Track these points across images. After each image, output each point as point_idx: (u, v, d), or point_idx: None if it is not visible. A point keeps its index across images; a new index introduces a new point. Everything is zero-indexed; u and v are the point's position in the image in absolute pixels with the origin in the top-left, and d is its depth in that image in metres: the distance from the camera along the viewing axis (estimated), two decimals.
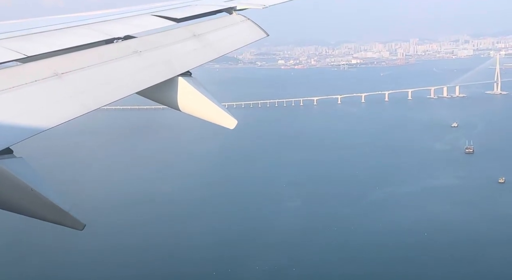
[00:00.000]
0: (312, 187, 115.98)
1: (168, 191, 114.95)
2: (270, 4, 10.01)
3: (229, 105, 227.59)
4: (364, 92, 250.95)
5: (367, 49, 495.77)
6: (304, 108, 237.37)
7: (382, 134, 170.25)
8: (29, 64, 5.45)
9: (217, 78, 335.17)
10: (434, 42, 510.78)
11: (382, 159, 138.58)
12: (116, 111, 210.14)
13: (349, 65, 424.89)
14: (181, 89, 6.79)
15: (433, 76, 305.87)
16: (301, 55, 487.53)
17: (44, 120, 4.80)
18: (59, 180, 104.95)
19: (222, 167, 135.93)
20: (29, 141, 4.64)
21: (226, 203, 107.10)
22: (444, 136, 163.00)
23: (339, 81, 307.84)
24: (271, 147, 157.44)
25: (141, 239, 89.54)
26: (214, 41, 8.19)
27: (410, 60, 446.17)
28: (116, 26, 7.54)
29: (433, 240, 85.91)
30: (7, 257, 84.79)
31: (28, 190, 4.43)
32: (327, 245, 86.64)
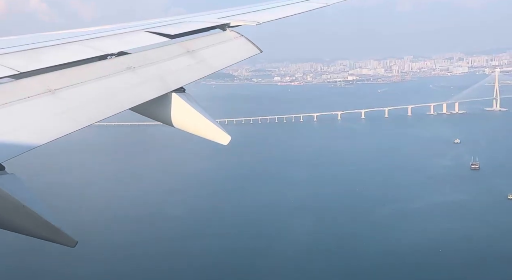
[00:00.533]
0: (319, 204, 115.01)
1: (175, 213, 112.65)
2: (264, 21, 10.07)
3: (229, 121, 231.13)
4: (362, 108, 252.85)
5: (362, 66, 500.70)
6: (304, 124, 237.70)
7: (385, 150, 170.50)
8: (22, 81, 5.44)
9: (214, 95, 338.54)
10: (428, 59, 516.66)
11: (388, 175, 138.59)
12: (114, 127, 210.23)
13: (346, 82, 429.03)
14: (174, 105, 6.79)
15: (430, 93, 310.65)
16: (297, 72, 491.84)
17: (37, 136, 4.78)
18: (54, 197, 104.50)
19: (222, 186, 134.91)
20: (23, 158, 4.62)
21: (232, 220, 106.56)
22: (448, 153, 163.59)
23: (337, 98, 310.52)
24: (273, 164, 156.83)
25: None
26: (208, 57, 8.21)
27: (406, 77, 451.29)
28: (110, 42, 7.56)
29: (448, 257, 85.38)
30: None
31: (20, 206, 4.39)
32: (340, 262, 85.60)
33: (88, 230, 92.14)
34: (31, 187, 4.72)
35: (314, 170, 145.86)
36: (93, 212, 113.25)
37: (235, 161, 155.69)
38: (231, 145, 10.75)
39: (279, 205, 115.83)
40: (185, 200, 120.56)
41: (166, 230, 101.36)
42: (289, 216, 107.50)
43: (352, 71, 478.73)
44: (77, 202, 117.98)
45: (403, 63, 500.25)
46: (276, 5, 12.19)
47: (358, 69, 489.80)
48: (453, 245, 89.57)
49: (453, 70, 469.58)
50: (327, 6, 12.76)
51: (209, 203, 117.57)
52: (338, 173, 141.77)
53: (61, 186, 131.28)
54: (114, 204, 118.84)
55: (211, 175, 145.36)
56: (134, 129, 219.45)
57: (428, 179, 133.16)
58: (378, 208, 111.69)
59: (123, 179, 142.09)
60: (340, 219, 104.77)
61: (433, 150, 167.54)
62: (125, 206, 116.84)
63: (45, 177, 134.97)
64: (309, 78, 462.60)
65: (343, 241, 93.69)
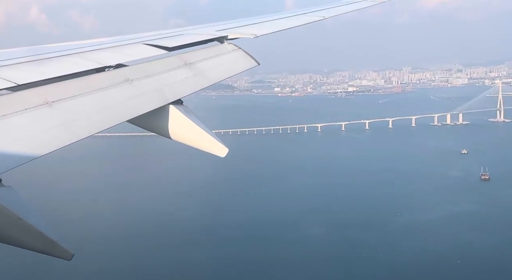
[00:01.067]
0: (332, 214, 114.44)
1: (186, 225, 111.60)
2: (261, 34, 10.12)
3: (232, 132, 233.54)
4: (365, 119, 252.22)
5: (361, 77, 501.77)
6: (309, 135, 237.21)
7: (393, 161, 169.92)
8: (20, 93, 5.44)
9: (216, 105, 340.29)
10: (426, 71, 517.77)
11: (397, 186, 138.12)
12: (112, 138, 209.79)
13: (346, 93, 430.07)
14: (172, 117, 6.79)
15: (432, 104, 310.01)
16: (296, 83, 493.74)
17: (34, 149, 4.77)
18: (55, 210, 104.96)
19: (231, 197, 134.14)
20: (23, 170, 4.60)
21: (245, 231, 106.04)
22: (456, 163, 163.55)
23: (339, 108, 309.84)
24: (282, 174, 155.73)
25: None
26: (206, 69, 8.24)
27: (406, 88, 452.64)
28: (108, 54, 7.58)
29: (468, 268, 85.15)
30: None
31: (16, 219, 4.37)
32: (361, 272, 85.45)
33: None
34: (31, 200, 4.71)
35: (324, 180, 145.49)
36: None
37: (242, 171, 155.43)
38: (238, 155, 10.26)
39: (292, 212, 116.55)
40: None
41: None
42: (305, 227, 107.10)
43: (351, 82, 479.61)
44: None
45: (402, 74, 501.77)
46: (274, 18, 12.27)
47: (357, 80, 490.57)
48: (471, 256, 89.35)
49: (453, 81, 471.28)
50: (324, 19, 12.85)
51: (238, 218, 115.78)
52: (347, 184, 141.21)
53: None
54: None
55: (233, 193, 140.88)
56: (133, 140, 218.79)
57: (439, 190, 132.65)
58: (393, 218, 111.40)
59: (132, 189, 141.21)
60: (356, 229, 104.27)
61: (441, 160, 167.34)
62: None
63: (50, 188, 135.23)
64: (309, 89, 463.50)
65: (362, 250, 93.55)
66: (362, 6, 15.23)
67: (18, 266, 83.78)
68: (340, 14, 14.26)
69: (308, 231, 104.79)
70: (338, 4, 14.98)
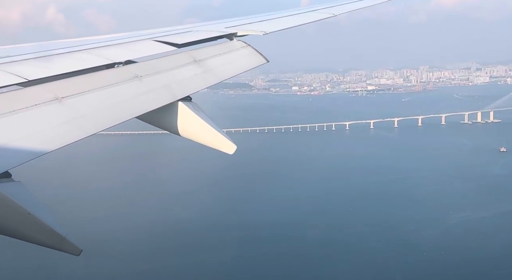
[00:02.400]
0: (385, 210, 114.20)
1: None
2: (271, 31, 10.10)
3: (260, 130, 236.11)
4: (393, 117, 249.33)
5: (378, 76, 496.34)
6: (337, 133, 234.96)
7: (432, 159, 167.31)
8: (30, 88, 5.47)
9: (237, 104, 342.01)
10: (444, 70, 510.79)
11: (442, 184, 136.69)
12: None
13: (367, 91, 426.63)
14: (181, 114, 6.81)
15: (456, 102, 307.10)
16: (313, 82, 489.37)
17: (43, 144, 4.80)
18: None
19: (284, 190, 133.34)
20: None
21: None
22: (498, 161, 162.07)
23: (362, 107, 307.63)
24: (326, 172, 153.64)
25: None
26: (215, 66, 8.25)
27: (427, 86, 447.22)
28: (117, 51, 7.60)
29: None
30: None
31: (26, 214, 4.40)
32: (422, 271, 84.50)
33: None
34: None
35: (370, 179, 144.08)
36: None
37: (290, 170, 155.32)
38: (279, 153, 9.49)
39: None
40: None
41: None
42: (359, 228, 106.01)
43: (369, 81, 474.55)
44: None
45: (420, 73, 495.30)
46: (283, 15, 12.24)
47: (375, 79, 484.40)
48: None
49: (474, 80, 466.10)
50: (334, 17, 12.78)
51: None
52: (393, 182, 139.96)
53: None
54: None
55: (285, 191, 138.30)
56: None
57: (485, 188, 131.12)
58: (446, 216, 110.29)
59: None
60: (412, 227, 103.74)
61: (481, 158, 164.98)
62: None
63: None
64: (328, 87, 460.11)
65: (419, 250, 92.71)
66: (372, 3, 15.16)
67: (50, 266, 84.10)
68: (350, 11, 14.20)
69: (364, 229, 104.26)
70: (348, 1, 14.89)
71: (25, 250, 63.14)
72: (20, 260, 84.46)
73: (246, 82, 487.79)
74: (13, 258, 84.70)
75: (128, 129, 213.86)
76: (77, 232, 52.63)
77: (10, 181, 4.52)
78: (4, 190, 4.33)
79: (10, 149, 4.52)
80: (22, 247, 28.34)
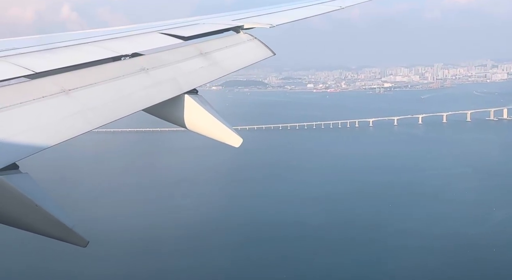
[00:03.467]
0: (427, 207, 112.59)
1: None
2: (277, 23, 10.07)
3: (283, 127, 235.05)
4: (413, 114, 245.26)
5: (393, 73, 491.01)
6: (362, 130, 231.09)
7: (463, 156, 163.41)
8: (37, 81, 5.49)
9: (255, 101, 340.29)
10: (458, 67, 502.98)
11: (479, 180, 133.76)
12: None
13: (384, 89, 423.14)
14: (187, 107, 6.81)
15: (477, 99, 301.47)
16: (328, 79, 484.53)
17: (50, 136, 4.82)
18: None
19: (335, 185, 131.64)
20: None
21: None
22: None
23: (381, 104, 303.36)
24: (359, 171, 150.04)
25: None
26: (221, 59, 8.23)
27: (444, 83, 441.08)
28: (124, 43, 7.61)
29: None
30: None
31: (33, 206, 4.43)
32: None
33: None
34: None
35: (404, 175, 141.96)
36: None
37: (331, 167, 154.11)
38: (312, 149, 9.14)
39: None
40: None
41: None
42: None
43: (385, 79, 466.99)
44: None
45: (435, 70, 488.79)
46: (290, 8, 12.19)
47: (391, 76, 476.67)
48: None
49: (491, 77, 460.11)
50: (341, 9, 12.73)
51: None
52: (426, 178, 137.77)
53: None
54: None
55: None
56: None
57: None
58: (490, 213, 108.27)
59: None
60: (457, 225, 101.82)
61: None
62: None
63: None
64: (343, 85, 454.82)
65: (472, 248, 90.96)
66: None
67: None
68: (357, 3, 14.14)
69: (409, 226, 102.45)
70: None
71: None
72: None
73: (259, 79, 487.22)
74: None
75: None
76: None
77: (17, 173, 4.55)
78: (11, 181, 4.35)
79: (18, 141, 4.54)
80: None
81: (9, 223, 4.57)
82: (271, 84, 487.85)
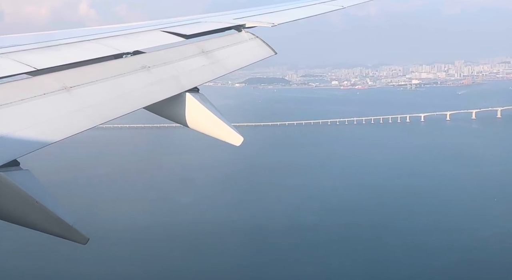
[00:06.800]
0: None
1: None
2: (279, 22, 10.07)
3: (331, 122, 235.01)
4: (459, 109, 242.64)
5: (414, 70, 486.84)
6: (415, 125, 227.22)
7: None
8: (39, 77, 5.50)
9: (287, 98, 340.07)
10: (481, 64, 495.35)
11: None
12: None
13: (416, 85, 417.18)
14: (188, 105, 6.82)
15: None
16: (349, 77, 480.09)
17: (52, 133, 4.83)
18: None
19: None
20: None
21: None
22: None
23: (420, 99, 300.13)
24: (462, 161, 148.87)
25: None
26: (223, 58, 8.23)
27: (476, 79, 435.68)
28: (126, 41, 7.62)
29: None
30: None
31: (33, 202, 4.43)
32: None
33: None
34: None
35: (479, 169, 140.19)
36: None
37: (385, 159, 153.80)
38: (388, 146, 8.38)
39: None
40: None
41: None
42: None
43: (409, 75, 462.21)
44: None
45: (459, 67, 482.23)
46: (293, 7, 12.20)
47: (416, 73, 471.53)
48: None
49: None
50: (343, 9, 12.73)
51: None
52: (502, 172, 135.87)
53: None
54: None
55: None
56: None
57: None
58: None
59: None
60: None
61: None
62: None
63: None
64: (370, 82, 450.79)
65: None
66: None
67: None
68: (359, 3, 14.14)
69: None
70: None
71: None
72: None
73: (280, 77, 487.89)
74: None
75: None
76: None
77: (18, 170, 4.55)
78: (12, 178, 4.36)
79: (19, 137, 4.55)
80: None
81: (10, 219, 4.58)
82: (293, 81, 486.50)
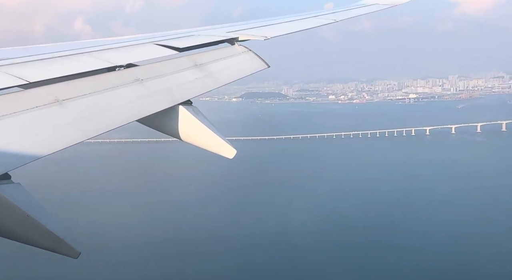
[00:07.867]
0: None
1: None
2: (272, 36, 10.12)
3: (336, 135, 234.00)
4: (462, 123, 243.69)
5: (409, 85, 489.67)
6: (421, 138, 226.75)
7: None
8: (31, 90, 5.47)
9: (286, 112, 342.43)
10: (471, 79, 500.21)
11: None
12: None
13: (414, 99, 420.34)
14: (181, 118, 6.81)
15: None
16: (345, 91, 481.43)
17: (43, 146, 4.80)
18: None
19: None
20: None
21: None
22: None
23: (420, 113, 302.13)
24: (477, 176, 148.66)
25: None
26: (216, 71, 8.25)
27: (473, 94, 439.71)
28: (119, 54, 7.62)
29: None
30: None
31: (24, 216, 4.40)
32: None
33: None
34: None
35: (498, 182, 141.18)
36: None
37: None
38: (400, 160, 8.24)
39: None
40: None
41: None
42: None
43: (405, 90, 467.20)
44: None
45: (453, 81, 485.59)
46: (285, 21, 12.27)
47: (411, 87, 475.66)
48: None
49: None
50: (335, 23, 12.82)
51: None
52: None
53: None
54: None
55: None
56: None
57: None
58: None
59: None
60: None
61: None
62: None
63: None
64: (367, 96, 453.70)
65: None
66: (374, 10, 15.20)
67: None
68: (351, 17, 14.24)
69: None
70: (350, 7, 14.94)
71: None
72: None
73: (277, 91, 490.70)
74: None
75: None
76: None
77: (9, 183, 4.52)
78: (3, 191, 4.32)
79: (10, 150, 4.52)
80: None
81: (0, 234, 4.53)
82: (290, 96, 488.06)
